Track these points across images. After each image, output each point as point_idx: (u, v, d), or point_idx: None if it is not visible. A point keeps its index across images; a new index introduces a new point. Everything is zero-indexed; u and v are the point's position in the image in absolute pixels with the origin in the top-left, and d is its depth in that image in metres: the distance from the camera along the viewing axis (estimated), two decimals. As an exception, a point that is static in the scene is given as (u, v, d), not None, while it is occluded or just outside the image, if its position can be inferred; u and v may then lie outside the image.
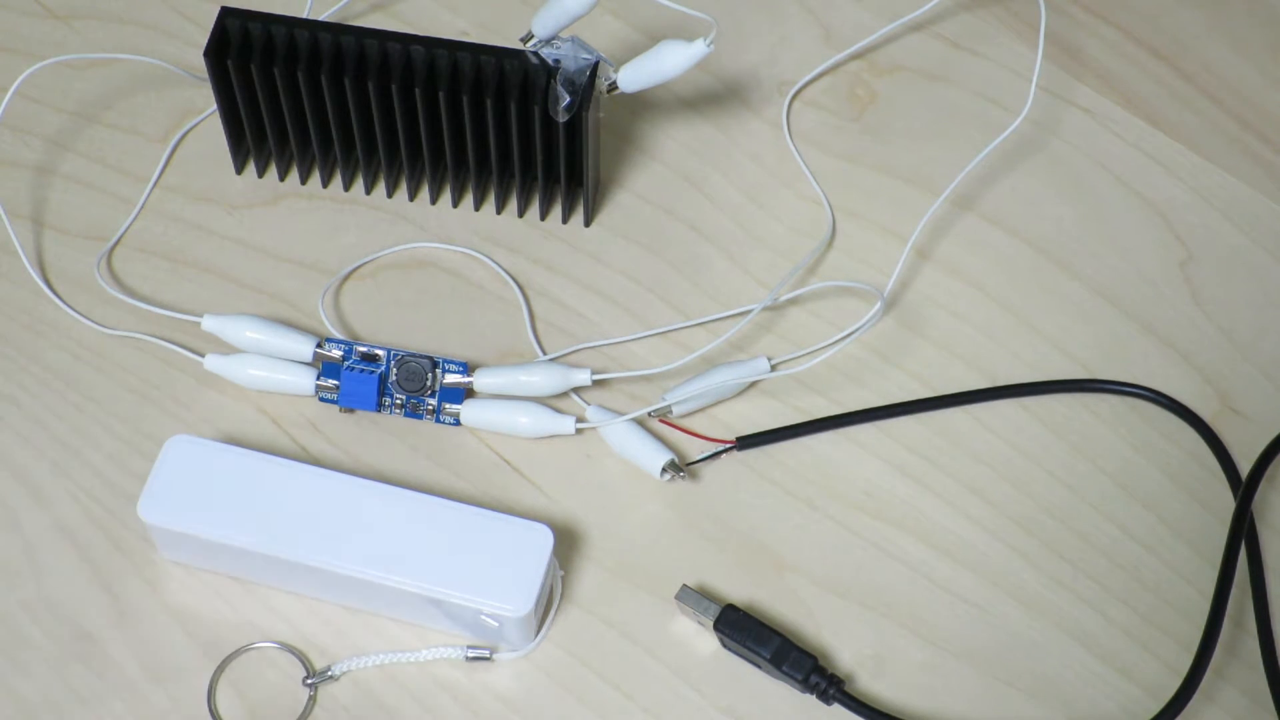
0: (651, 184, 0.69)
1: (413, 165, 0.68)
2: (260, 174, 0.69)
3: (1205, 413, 0.64)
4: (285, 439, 0.63)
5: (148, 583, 0.60)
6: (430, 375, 0.62)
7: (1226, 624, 0.59)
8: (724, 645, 0.59)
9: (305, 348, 0.63)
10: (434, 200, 0.68)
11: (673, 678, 0.59)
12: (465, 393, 0.63)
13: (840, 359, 0.65)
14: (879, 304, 0.64)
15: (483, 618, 0.57)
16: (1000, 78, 0.72)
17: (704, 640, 0.59)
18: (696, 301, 0.66)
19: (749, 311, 0.65)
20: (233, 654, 0.59)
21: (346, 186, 0.69)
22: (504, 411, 0.62)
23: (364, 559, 0.57)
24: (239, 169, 0.69)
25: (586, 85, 0.63)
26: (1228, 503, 0.62)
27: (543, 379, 0.63)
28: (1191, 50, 0.73)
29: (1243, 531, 0.61)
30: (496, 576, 0.57)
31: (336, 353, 0.63)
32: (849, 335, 0.65)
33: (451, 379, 0.63)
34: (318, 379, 0.63)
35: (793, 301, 0.66)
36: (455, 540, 0.57)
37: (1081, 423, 0.64)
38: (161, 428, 0.63)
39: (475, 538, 0.58)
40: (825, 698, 0.58)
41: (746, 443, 0.63)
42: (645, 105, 0.71)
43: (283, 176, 0.69)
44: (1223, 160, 0.70)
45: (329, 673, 0.58)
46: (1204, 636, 0.58)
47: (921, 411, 0.64)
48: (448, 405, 0.63)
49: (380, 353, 0.63)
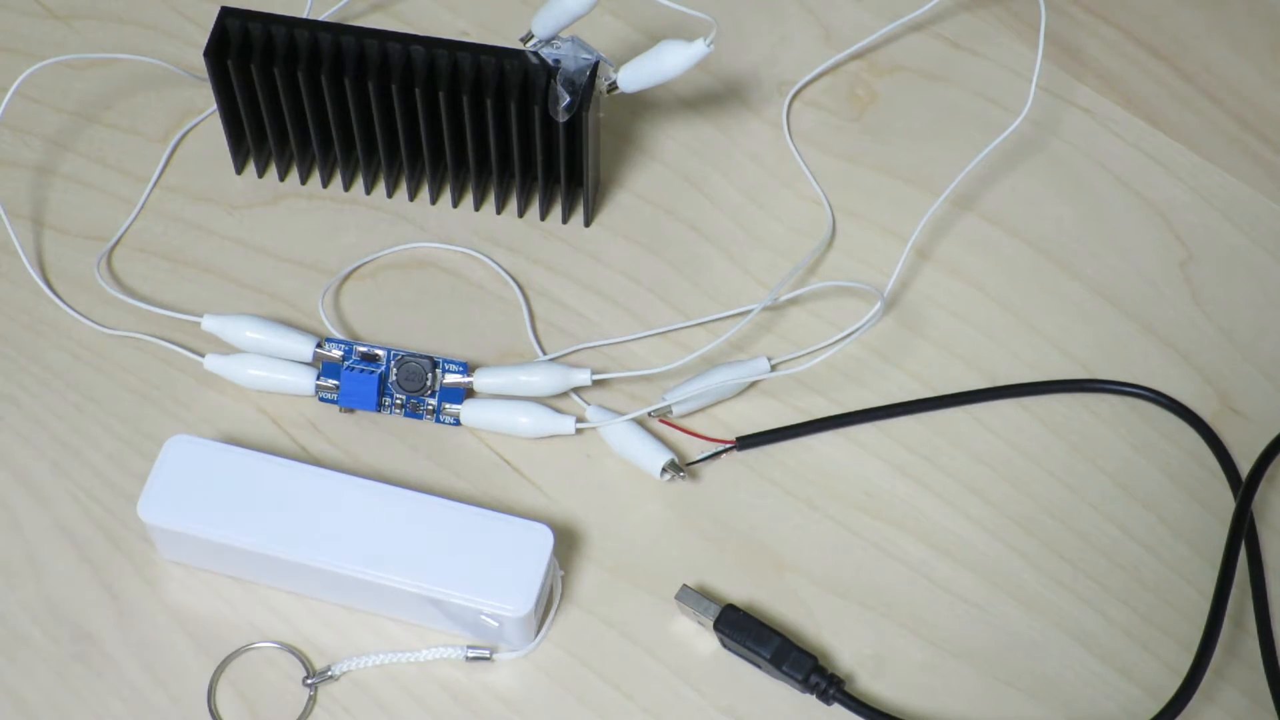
0: (651, 184, 0.69)
1: (413, 165, 0.68)
2: (260, 174, 0.69)
3: (1205, 413, 0.64)
4: (285, 439, 0.63)
5: (148, 583, 0.60)
6: (430, 375, 0.62)
7: (1226, 624, 0.59)
8: (724, 645, 0.59)
9: (305, 348, 0.63)
10: (434, 200, 0.68)
11: (673, 678, 0.59)
12: (465, 393, 0.63)
13: (840, 359, 0.65)
14: (879, 304, 0.64)
15: (483, 618, 0.57)
16: (1000, 78, 0.72)
17: (704, 640, 0.59)
18: (696, 301, 0.66)
19: (749, 311, 0.65)
20: (233, 654, 0.59)
21: (346, 186, 0.69)
22: (504, 411, 0.62)
23: (364, 559, 0.57)
24: (239, 169, 0.69)
25: (586, 85, 0.63)
26: (1228, 503, 0.62)
27: (543, 379, 0.63)
28: (1191, 50, 0.73)
29: (1243, 531, 0.61)
30: (496, 576, 0.57)
31: (336, 353, 0.63)
32: (849, 335, 0.65)
33: (451, 379, 0.63)
34: (318, 379, 0.63)
35: (793, 301, 0.66)
36: (455, 540, 0.57)
37: (1081, 423, 0.64)
38: (161, 428, 0.63)
39: (475, 538, 0.58)
40: (825, 698, 0.58)
41: (746, 443, 0.63)
42: (645, 105, 0.71)
43: (283, 176, 0.69)
44: (1223, 160, 0.70)
45: (329, 673, 0.58)
46: (1204, 636, 0.58)
47: (921, 411, 0.64)
48: (448, 405, 0.63)
49: (380, 353, 0.63)
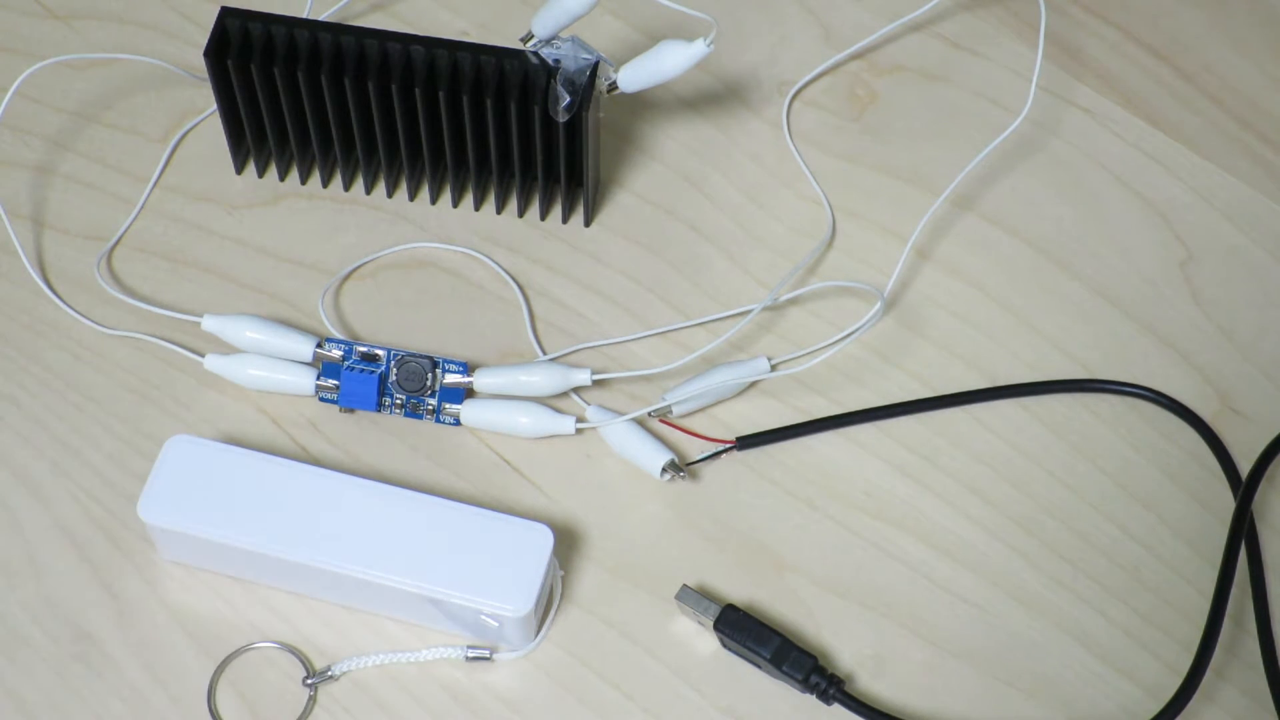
0: (651, 184, 0.69)
1: (413, 165, 0.68)
2: (260, 174, 0.69)
3: (1205, 413, 0.64)
4: (285, 439, 0.63)
5: (148, 583, 0.60)
6: (430, 375, 0.62)
7: (1226, 624, 0.59)
8: (724, 645, 0.59)
9: (305, 348, 0.63)
10: (434, 200, 0.68)
11: (673, 678, 0.59)
12: (465, 393, 0.63)
13: (840, 359, 0.65)
14: (879, 304, 0.64)
15: (483, 618, 0.57)
16: (1000, 78, 0.72)
17: (704, 640, 0.59)
18: (696, 301, 0.66)
19: (749, 311, 0.65)
20: (233, 654, 0.59)
21: (346, 186, 0.69)
22: (504, 411, 0.62)
23: (364, 559, 0.57)
24: (239, 169, 0.69)
25: (586, 85, 0.63)
26: (1228, 503, 0.62)
27: (543, 379, 0.63)
28: (1191, 50, 0.73)
29: (1243, 531, 0.61)
30: (496, 576, 0.57)
31: (336, 353, 0.63)
32: (849, 335, 0.65)
33: (451, 379, 0.63)
34: (318, 379, 0.63)
35: (793, 301, 0.66)
36: (455, 540, 0.57)
37: (1081, 423, 0.64)
38: (161, 428, 0.63)
39: (475, 538, 0.58)
40: (825, 698, 0.58)
41: (746, 443, 0.63)
42: (645, 105, 0.71)
43: (283, 176, 0.69)
44: (1223, 160, 0.70)
45: (329, 673, 0.58)
46: (1204, 636, 0.58)
47: (921, 411, 0.64)
48: (448, 405, 0.63)
49: (380, 353, 0.63)
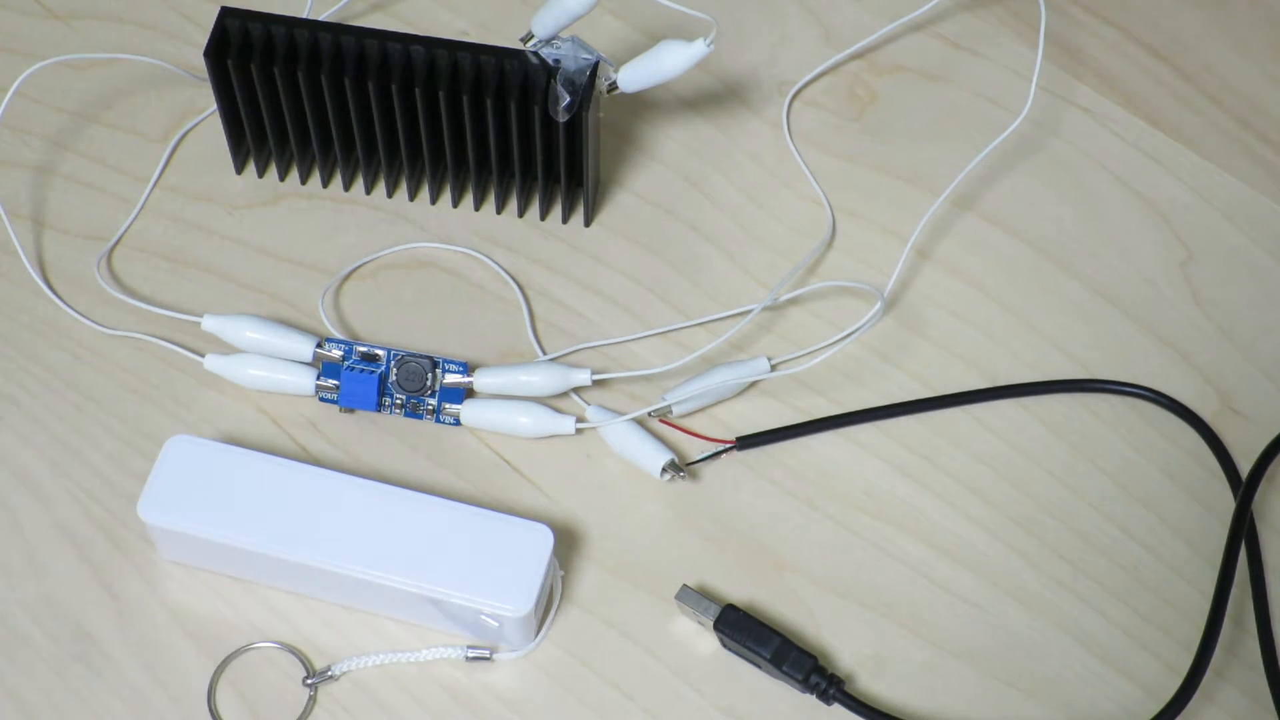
0: (651, 184, 0.69)
1: (413, 165, 0.68)
2: (260, 174, 0.69)
3: (1205, 413, 0.64)
4: (285, 439, 0.63)
5: (148, 583, 0.60)
6: (430, 375, 0.62)
7: (1226, 624, 0.59)
8: (724, 645, 0.59)
9: (305, 348, 0.63)
10: (434, 200, 0.68)
11: (673, 678, 0.59)
12: (465, 393, 0.63)
13: (840, 359, 0.65)
14: (879, 304, 0.64)
15: (483, 618, 0.57)
16: (1000, 78, 0.72)
17: (704, 640, 0.59)
18: (696, 301, 0.66)
19: (749, 311, 0.65)
20: (233, 654, 0.59)
21: (346, 186, 0.69)
22: (504, 411, 0.62)
23: (364, 559, 0.57)
24: (239, 169, 0.69)
25: (586, 85, 0.63)
26: (1228, 503, 0.62)
27: (543, 379, 0.63)
28: (1191, 50, 0.73)
29: (1243, 531, 0.61)
30: (496, 576, 0.57)
31: (336, 353, 0.63)
32: (849, 335, 0.65)
33: (451, 379, 0.63)
34: (318, 379, 0.63)
35: (793, 301, 0.66)
36: (455, 540, 0.57)
37: (1081, 423, 0.64)
38: (161, 428, 0.63)
39: (475, 538, 0.58)
40: (825, 698, 0.58)
41: (746, 443, 0.63)
42: (645, 105, 0.71)
43: (283, 176, 0.69)
44: (1223, 160, 0.70)
45: (329, 673, 0.58)
46: (1204, 636, 0.58)
47: (921, 411, 0.64)
48: (448, 405, 0.63)
49: (380, 353, 0.63)
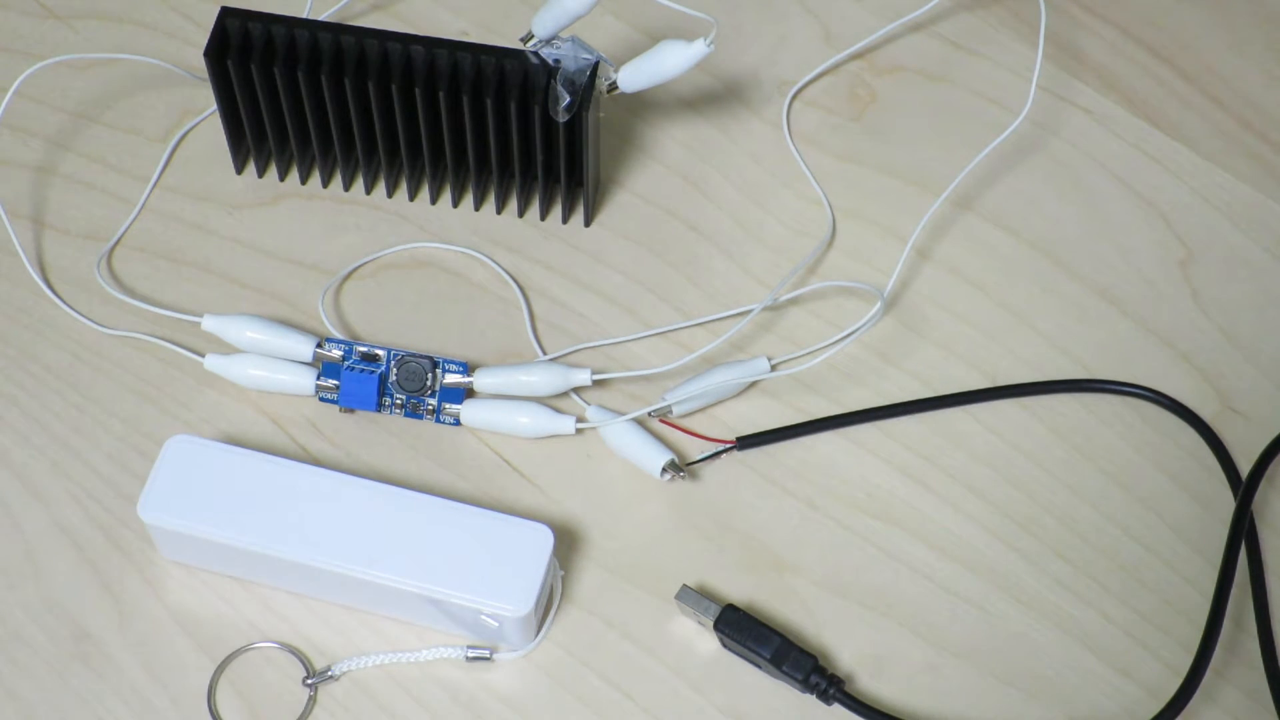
0: (651, 184, 0.69)
1: (413, 165, 0.68)
2: (260, 174, 0.69)
3: (1205, 413, 0.64)
4: (285, 439, 0.63)
5: (148, 583, 0.60)
6: (430, 375, 0.62)
7: (1226, 624, 0.59)
8: (724, 645, 0.59)
9: (305, 348, 0.63)
10: (434, 200, 0.68)
11: (673, 678, 0.59)
12: (465, 393, 0.63)
13: (840, 359, 0.65)
14: (879, 304, 0.64)
15: (483, 618, 0.57)
16: (1000, 78, 0.72)
17: (704, 640, 0.59)
18: (696, 301, 0.66)
19: (749, 311, 0.65)
20: (233, 654, 0.59)
21: (346, 186, 0.69)
22: (504, 411, 0.62)
23: (364, 559, 0.57)
24: (239, 169, 0.69)
25: (586, 85, 0.63)
26: (1228, 503, 0.62)
27: (543, 379, 0.63)
28: (1191, 50, 0.73)
29: (1243, 531, 0.61)
30: (496, 576, 0.57)
31: (336, 353, 0.63)
32: (849, 335, 0.65)
33: (451, 379, 0.63)
34: (318, 379, 0.63)
35: (793, 301, 0.66)
36: (455, 540, 0.57)
37: (1081, 423, 0.64)
38: (161, 428, 0.63)
39: (475, 538, 0.58)
40: (825, 698, 0.58)
41: (746, 443, 0.63)
42: (645, 105, 0.71)
43: (283, 176, 0.69)
44: (1223, 160, 0.70)
45: (329, 673, 0.58)
46: (1204, 636, 0.58)
47: (921, 411, 0.64)
48: (448, 405, 0.63)
49: (380, 353, 0.63)
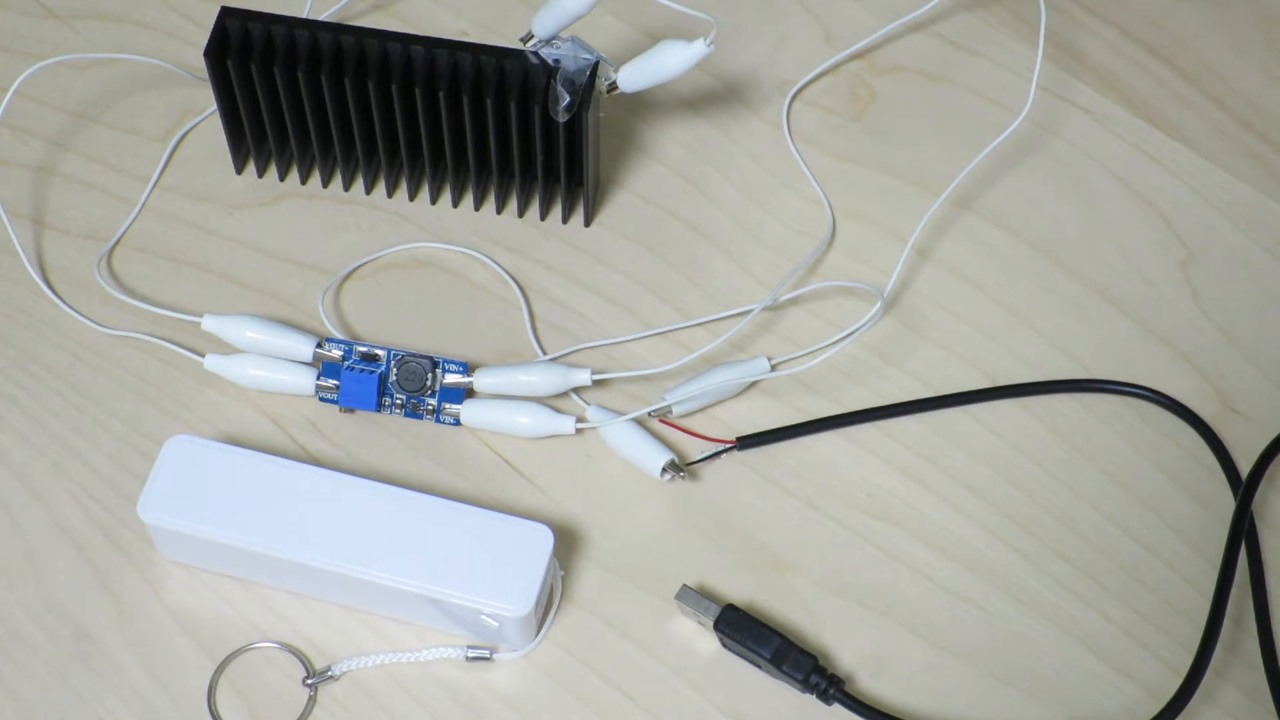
0: (651, 184, 0.69)
1: (413, 165, 0.68)
2: (260, 174, 0.69)
3: (1205, 413, 0.64)
4: (285, 439, 0.63)
5: (148, 583, 0.60)
6: (430, 375, 0.62)
7: (1226, 624, 0.59)
8: (724, 645, 0.59)
9: (305, 348, 0.63)
10: (434, 200, 0.68)
11: (673, 678, 0.59)
12: (465, 393, 0.63)
13: (840, 359, 0.65)
14: (879, 304, 0.64)
15: (483, 618, 0.57)
16: (1000, 78, 0.72)
17: (704, 640, 0.59)
18: (696, 301, 0.66)
19: (749, 311, 0.65)
20: (233, 654, 0.59)
21: (346, 186, 0.69)
22: (504, 411, 0.62)
23: (364, 559, 0.57)
24: (239, 169, 0.69)
25: (586, 85, 0.63)
26: (1228, 503, 0.62)
27: (543, 379, 0.63)
28: (1191, 50, 0.73)
29: (1243, 531, 0.61)
30: (496, 576, 0.57)
31: (336, 353, 0.63)
32: (849, 335, 0.65)
33: (451, 379, 0.63)
34: (318, 379, 0.63)
35: (793, 301, 0.66)
36: (455, 540, 0.57)
37: (1081, 423, 0.64)
38: (161, 428, 0.63)
39: (475, 538, 0.58)
40: (825, 698, 0.58)
41: (746, 443, 0.63)
42: (645, 105, 0.71)
43: (283, 176, 0.69)
44: (1223, 160, 0.70)
45: (329, 673, 0.58)
46: (1204, 636, 0.58)
47: (921, 411, 0.64)
48: (448, 405, 0.63)
49: (380, 353, 0.63)
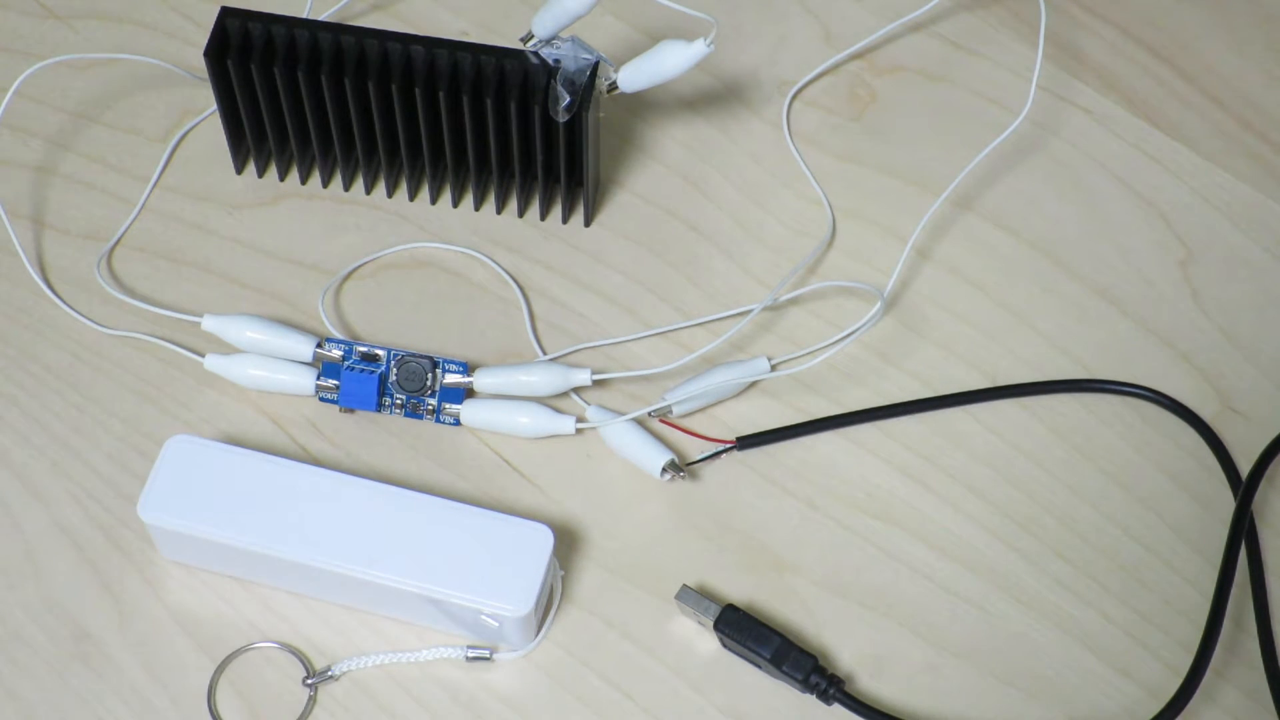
0: (651, 184, 0.69)
1: (413, 165, 0.68)
2: (260, 174, 0.69)
3: (1205, 413, 0.64)
4: (285, 439, 0.63)
5: (148, 583, 0.60)
6: (430, 375, 0.62)
7: (1226, 624, 0.59)
8: (724, 645, 0.59)
9: (305, 348, 0.63)
10: (434, 200, 0.68)
11: (673, 678, 0.59)
12: (465, 393, 0.63)
13: (840, 359, 0.65)
14: (879, 304, 0.64)
15: (483, 618, 0.57)
16: (1000, 78, 0.72)
17: (704, 640, 0.59)
18: (696, 301, 0.66)
19: (749, 311, 0.65)
20: (233, 654, 0.59)
21: (346, 186, 0.69)
22: (504, 411, 0.62)
23: (364, 559, 0.57)
24: (239, 169, 0.69)
25: (586, 85, 0.63)
26: (1228, 503, 0.62)
27: (543, 379, 0.63)
28: (1191, 50, 0.73)
29: (1243, 531, 0.61)
30: (497, 576, 0.57)
31: (336, 353, 0.63)
32: (849, 335, 0.65)
33: (451, 379, 0.63)
34: (318, 379, 0.63)
35: (793, 301, 0.66)
36: (455, 540, 0.57)
37: (1081, 423, 0.64)
38: (161, 428, 0.63)
39: (475, 538, 0.58)
40: (825, 698, 0.58)
41: (746, 443, 0.63)
42: (645, 105, 0.71)
43: (283, 176, 0.69)
44: (1223, 160, 0.70)
45: (329, 673, 0.58)
46: (1204, 636, 0.58)
47: (921, 411, 0.64)
48: (448, 405, 0.63)
49: (380, 353, 0.63)
